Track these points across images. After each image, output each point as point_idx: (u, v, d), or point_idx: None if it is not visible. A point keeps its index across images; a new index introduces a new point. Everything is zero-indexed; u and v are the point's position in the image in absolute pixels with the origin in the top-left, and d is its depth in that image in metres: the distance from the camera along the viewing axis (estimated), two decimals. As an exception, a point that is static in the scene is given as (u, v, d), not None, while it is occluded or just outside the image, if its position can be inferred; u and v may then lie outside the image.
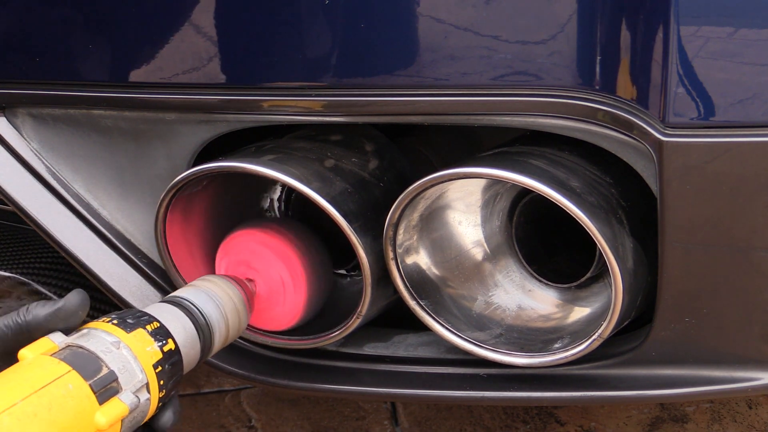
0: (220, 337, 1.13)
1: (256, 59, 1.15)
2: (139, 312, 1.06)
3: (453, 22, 1.09)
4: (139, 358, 1.01)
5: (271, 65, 1.15)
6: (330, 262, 1.28)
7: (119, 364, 0.99)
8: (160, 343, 1.04)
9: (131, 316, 1.05)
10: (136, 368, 1.01)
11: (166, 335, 1.05)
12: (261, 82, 1.16)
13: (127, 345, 1.01)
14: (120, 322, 1.03)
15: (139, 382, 1.00)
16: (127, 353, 1.00)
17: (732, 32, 1.01)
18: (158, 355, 1.03)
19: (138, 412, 1.00)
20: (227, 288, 1.16)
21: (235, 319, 1.15)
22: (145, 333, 1.03)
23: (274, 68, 1.15)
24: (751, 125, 1.03)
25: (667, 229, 1.08)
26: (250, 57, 1.15)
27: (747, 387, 1.19)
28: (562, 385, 1.23)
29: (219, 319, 1.13)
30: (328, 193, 1.17)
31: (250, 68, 1.16)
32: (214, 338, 1.12)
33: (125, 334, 1.02)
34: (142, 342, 1.02)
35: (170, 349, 1.05)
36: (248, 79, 1.16)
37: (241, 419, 1.81)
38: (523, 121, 1.13)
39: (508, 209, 1.29)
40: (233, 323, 1.15)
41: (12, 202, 1.30)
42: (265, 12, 1.13)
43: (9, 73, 1.25)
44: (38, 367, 0.96)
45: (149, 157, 1.28)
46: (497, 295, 1.28)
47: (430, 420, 1.78)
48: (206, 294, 1.13)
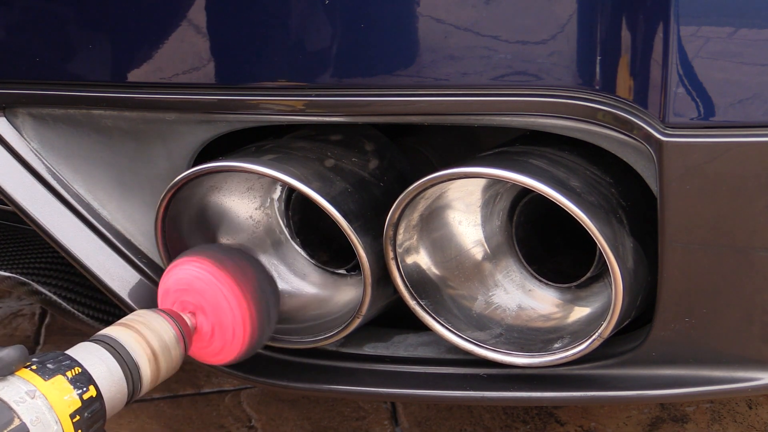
0: (150, 377, 1.10)
1: (256, 59, 1.15)
2: (61, 356, 1.03)
3: (453, 22, 1.09)
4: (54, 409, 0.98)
5: (271, 65, 1.15)
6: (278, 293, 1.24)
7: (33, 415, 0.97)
8: (79, 390, 1.01)
9: (53, 360, 1.02)
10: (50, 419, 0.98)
11: (88, 381, 1.02)
12: (261, 82, 1.16)
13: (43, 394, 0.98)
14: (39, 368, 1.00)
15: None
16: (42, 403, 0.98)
17: (732, 32, 1.01)
18: (77, 404, 1.00)
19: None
20: (159, 325, 1.13)
21: (167, 357, 1.12)
22: (64, 380, 1.00)
23: (274, 68, 1.15)
24: (751, 125, 1.03)
25: (667, 229, 1.08)
26: (249, 57, 1.15)
27: (747, 387, 1.19)
28: (562, 385, 1.23)
29: (149, 358, 1.10)
30: (328, 193, 1.17)
31: (250, 68, 1.16)
32: (142, 378, 1.09)
33: (42, 382, 0.99)
34: (59, 390, 0.99)
35: (90, 397, 1.02)
36: (248, 79, 1.16)
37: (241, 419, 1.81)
38: (523, 121, 1.13)
39: (508, 209, 1.29)
40: (165, 361, 1.12)
41: (12, 202, 1.30)
42: (265, 12, 1.13)
43: (9, 73, 1.25)
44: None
45: (149, 157, 1.28)
46: (497, 294, 1.28)
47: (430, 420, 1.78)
48: (136, 333, 1.11)
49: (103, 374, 1.05)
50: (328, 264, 1.37)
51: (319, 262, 1.37)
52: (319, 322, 1.30)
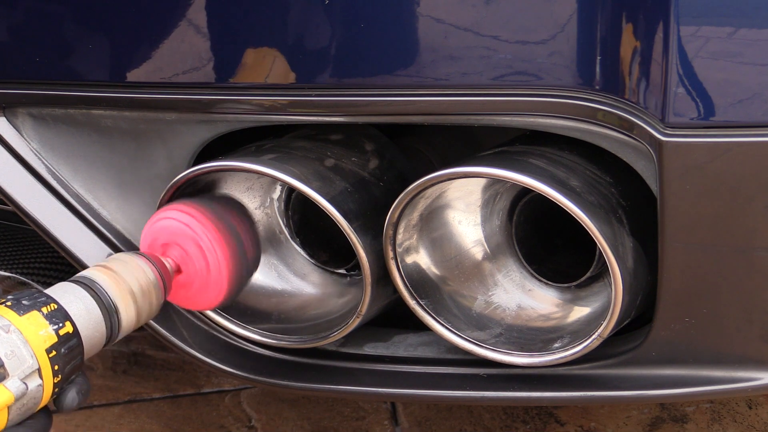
0: (128, 319, 1.09)
1: (256, 59, 1.15)
2: (37, 293, 1.02)
3: (453, 22, 1.09)
4: (30, 343, 0.97)
5: (271, 65, 1.15)
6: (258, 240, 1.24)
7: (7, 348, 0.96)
8: (55, 326, 1.00)
9: (28, 297, 1.01)
10: (26, 353, 0.97)
11: (64, 318, 1.01)
12: (261, 81, 1.16)
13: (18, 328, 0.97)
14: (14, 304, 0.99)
15: (28, 367, 0.96)
16: (17, 337, 0.97)
17: (732, 32, 1.01)
18: (53, 339, 0.99)
19: (28, 399, 0.97)
20: (138, 267, 1.12)
21: (146, 300, 1.11)
22: (39, 315, 0.99)
23: (274, 68, 1.14)
24: (751, 125, 1.03)
25: (667, 229, 1.08)
26: (250, 56, 1.15)
27: (747, 387, 1.19)
28: (562, 385, 1.23)
29: (127, 299, 1.09)
30: (328, 193, 1.17)
31: (251, 68, 1.16)
32: (121, 320, 1.08)
33: (17, 317, 0.98)
34: (35, 325, 0.98)
35: (67, 333, 1.00)
36: (248, 78, 1.16)
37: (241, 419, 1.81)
38: (523, 121, 1.13)
39: (508, 209, 1.29)
40: (144, 304, 1.11)
41: (12, 202, 1.30)
42: (265, 12, 1.13)
43: (9, 73, 1.25)
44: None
45: (149, 157, 1.28)
46: (497, 294, 1.28)
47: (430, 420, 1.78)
48: (115, 274, 1.09)
49: (80, 312, 1.04)
50: (328, 264, 1.37)
51: (319, 261, 1.37)
52: (318, 322, 1.30)
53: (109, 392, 1.87)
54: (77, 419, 1.79)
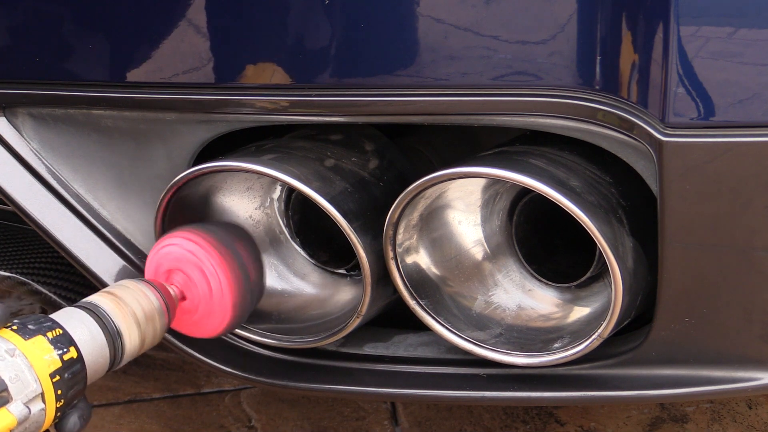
0: (132, 345, 1.10)
1: (256, 59, 1.15)
2: (42, 318, 1.03)
3: (453, 22, 1.09)
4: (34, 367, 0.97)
5: (271, 65, 1.15)
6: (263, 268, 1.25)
7: (11, 372, 0.96)
8: (60, 351, 1.00)
9: (33, 322, 1.01)
10: (29, 378, 0.97)
11: (69, 343, 1.02)
12: (261, 81, 1.16)
13: (23, 353, 0.97)
14: (20, 328, 1.00)
15: (32, 392, 0.97)
16: (22, 361, 0.97)
17: (732, 32, 1.01)
18: (57, 364, 0.99)
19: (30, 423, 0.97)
20: (143, 294, 1.13)
21: (150, 326, 1.12)
22: (44, 340, 1.00)
23: (274, 68, 1.14)
24: (751, 125, 1.03)
25: (667, 229, 1.08)
26: (249, 57, 1.15)
27: (747, 387, 1.19)
28: (562, 385, 1.23)
29: (131, 326, 1.10)
30: (328, 193, 1.17)
31: (251, 68, 1.16)
32: (125, 345, 1.09)
33: (22, 341, 0.98)
34: (40, 350, 0.99)
35: (71, 358, 1.01)
36: (248, 78, 1.16)
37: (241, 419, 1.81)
38: (523, 121, 1.13)
39: (508, 209, 1.29)
40: (148, 330, 1.12)
41: (12, 202, 1.30)
42: (265, 12, 1.13)
43: (9, 73, 1.25)
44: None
45: (149, 157, 1.28)
46: (497, 294, 1.28)
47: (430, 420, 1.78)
48: (120, 301, 1.10)
49: (84, 338, 1.04)
50: (328, 264, 1.37)
51: (319, 261, 1.37)
52: (319, 322, 1.30)
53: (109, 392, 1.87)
54: (77, 419, 1.79)
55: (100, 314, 1.08)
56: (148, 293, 1.14)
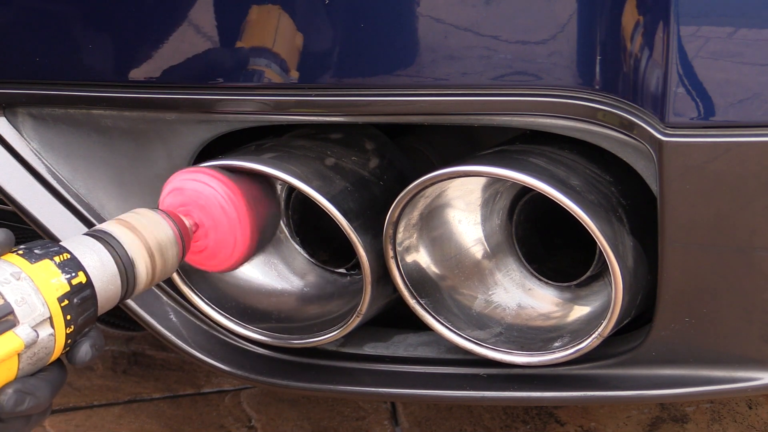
0: (145, 275, 1.06)
1: (256, 59, 1.15)
2: (50, 243, 0.99)
3: (453, 22, 1.09)
4: (41, 291, 0.94)
5: (271, 65, 1.15)
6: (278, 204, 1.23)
7: (17, 295, 0.93)
8: (68, 275, 0.96)
9: (40, 246, 0.98)
10: (36, 301, 0.94)
11: (77, 267, 0.98)
12: (261, 81, 1.16)
13: (29, 276, 0.94)
14: (26, 252, 0.96)
15: (39, 315, 0.94)
16: (28, 285, 0.94)
17: (732, 32, 1.01)
18: (65, 288, 0.96)
19: (39, 348, 0.94)
20: (157, 223, 1.09)
21: (164, 257, 1.08)
22: (51, 264, 0.96)
23: (274, 68, 1.15)
24: (751, 125, 1.03)
25: (667, 228, 1.08)
26: (250, 57, 1.15)
27: (747, 387, 1.19)
28: (562, 385, 1.23)
29: (144, 255, 1.06)
30: (328, 192, 1.17)
31: (251, 68, 1.16)
32: (137, 275, 1.05)
33: (28, 264, 0.95)
34: (47, 273, 0.95)
35: (80, 283, 0.97)
36: (248, 78, 1.16)
37: (241, 419, 1.81)
38: (523, 120, 1.13)
39: (508, 208, 1.29)
40: (161, 261, 1.08)
41: (12, 202, 1.30)
42: (265, 11, 1.13)
43: (9, 73, 1.25)
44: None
45: (149, 157, 1.28)
46: (497, 293, 1.28)
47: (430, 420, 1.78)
48: (132, 229, 1.06)
49: (94, 264, 1.00)
50: (328, 263, 1.37)
51: (319, 261, 1.37)
52: (318, 322, 1.30)
53: (109, 392, 1.87)
54: (77, 419, 1.79)
55: (110, 242, 1.03)
56: (163, 222, 1.09)
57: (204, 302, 1.30)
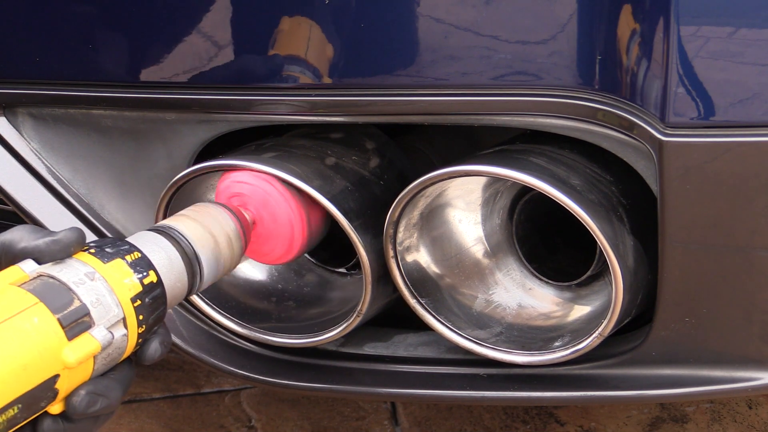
0: (210, 270, 1.06)
1: (256, 59, 1.15)
2: (120, 241, 0.98)
3: (453, 22, 1.09)
4: (115, 291, 0.94)
5: (271, 65, 1.15)
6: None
7: (93, 296, 0.92)
8: (140, 275, 0.96)
9: (110, 245, 0.97)
10: (111, 302, 0.93)
11: (148, 266, 0.97)
12: (261, 81, 1.16)
13: (103, 276, 0.94)
14: (98, 251, 0.96)
15: (114, 317, 0.93)
16: (102, 285, 0.93)
17: (732, 32, 1.01)
18: (137, 288, 0.95)
19: (113, 349, 0.94)
20: (220, 218, 1.09)
21: (228, 252, 1.08)
22: (123, 264, 0.96)
23: (274, 68, 1.15)
24: (751, 125, 1.03)
25: (668, 228, 1.08)
26: (250, 57, 1.15)
27: (747, 387, 1.19)
28: (562, 385, 1.23)
29: (210, 250, 1.06)
30: (328, 191, 1.17)
31: (251, 68, 1.16)
32: (203, 271, 1.05)
33: (101, 264, 0.95)
34: (120, 273, 0.95)
35: (151, 282, 0.97)
36: (248, 78, 1.16)
37: (241, 419, 1.81)
38: (523, 120, 1.13)
39: (508, 207, 1.29)
40: (226, 256, 1.08)
41: (12, 202, 1.30)
42: (265, 12, 1.13)
43: (9, 73, 1.25)
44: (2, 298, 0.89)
45: (149, 156, 1.28)
46: (497, 293, 1.28)
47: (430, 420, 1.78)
48: (196, 224, 1.06)
49: (163, 262, 1.00)
50: (328, 262, 1.37)
51: (319, 260, 1.37)
52: (318, 322, 1.30)
53: (109, 392, 1.87)
54: (77, 419, 1.79)
55: (177, 237, 1.03)
56: (226, 216, 1.09)
57: (204, 302, 1.30)
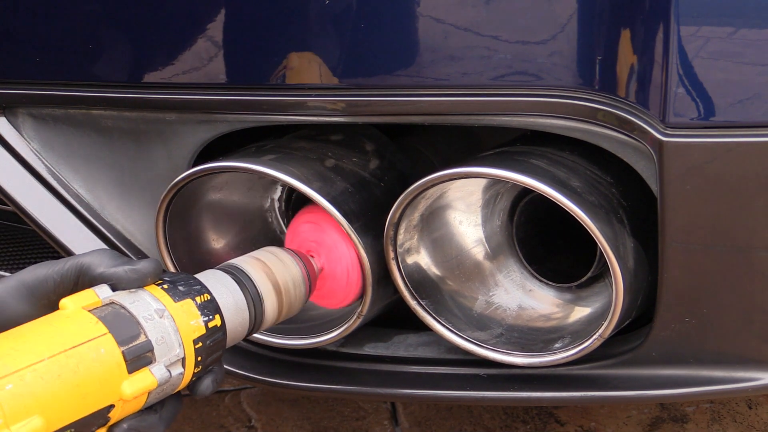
0: (271, 313, 1.08)
1: (256, 59, 1.15)
2: (192, 280, 1.01)
3: (453, 22, 1.09)
4: (180, 331, 0.96)
5: (271, 65, 1.15)
6: None
7: (158, 334, 0.95)
8: (206, 318, 0.99)
9: (183, 283, 1.00)
10: (174, 341, 0.96)
11: (215, 310, 1.00)
12: (261, 82, 1.16)
13: (172, 315, 0.96)
14: (170, 288, 0.98)
15: (175, 356, 0.96)
16: (169, 324, 0.96)
17: (732, 32, 1.01)
18: (201, 331, 0.98)
19: (168, 385, 0.96)
20: (288, 263, 1.12)
21: (291, 295, 1.11)
22: (192, 305, 0.98)
23: (274, 68, 1.14)
24: (751, 125, 1.03)
25: (668, 229, 1.08)
26: (250, 57, 1.15)
27: (747, 387, 1.19)
28: (562, 385, 1.23)
29: (273, 294, 1.09)
30: (328, 193, 1.17)
31: (251, 68, 1.16)
32: (265, 313, 1.07)
33: (172, 302, 0.97)
34: (187, 314, 0.97)
35: (215, 326, 0.99)
36: (248, 79, 1.16)
37: (241, 419, 1.81)
38: (524, 121, 1.13)
39: (508, 209, 1.29)
40: (288, 300, 1.11)
41: (12, 202, 1.30)
42: (265, 12, 1.13)
43: (9, 73, 1.25)
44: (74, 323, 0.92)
45: (149, 157, 1.28)
46: (498, 294, 1.28)
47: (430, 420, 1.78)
48: (264, 267, 1.09)
49: (229, 305, 1.03)
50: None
51: (319, 262, 1.37)
52: (319, 323, 1.30)
53: (109, 392, 1.86)
54: (77, 419, 1.79)
55: (244, 280, 1.06)
56: (293, 263, 1.12)
57: (204, 303, 1.30)
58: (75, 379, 0.89)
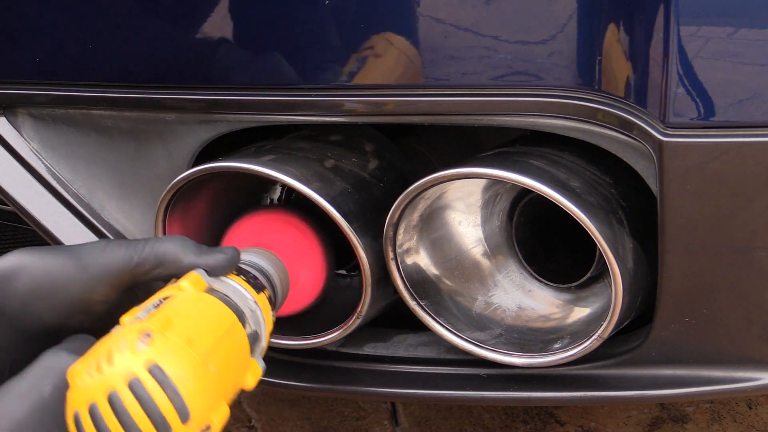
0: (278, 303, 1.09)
1: (255, 59, 1.15)
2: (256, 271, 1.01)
3: (453, 22, 1.09)
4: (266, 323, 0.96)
5: (271, 66, 1.15)
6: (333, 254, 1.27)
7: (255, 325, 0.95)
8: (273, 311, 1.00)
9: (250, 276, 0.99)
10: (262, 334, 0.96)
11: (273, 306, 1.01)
12: (261, 82, 1.16)
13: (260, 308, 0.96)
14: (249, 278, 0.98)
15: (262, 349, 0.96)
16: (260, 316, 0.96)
17: (732, 32, 1.01)
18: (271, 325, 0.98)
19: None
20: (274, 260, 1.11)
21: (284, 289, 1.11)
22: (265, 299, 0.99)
23: (274, 69, 1.15)
24: (751, 125, 1.03)
25: (668, 229, 1.08)
26: (249, 57, 1.15)
27: (747, 387, 1.19)
28: (562, 385, 1.24)
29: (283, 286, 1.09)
30: (328, 193, 1.17)
31: (250, 68, 1.16)
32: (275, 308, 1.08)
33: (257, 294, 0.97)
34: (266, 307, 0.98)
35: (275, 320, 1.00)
36: (248, 79, 1.16)
37: (241, 419, 1.81)
38: (523, 121, 1.13)
39: (508, 209, 1.29)
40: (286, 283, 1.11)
41: (12, 202, 1.30)
42: (265, 12, 1.13)
43: (9, 73, 1.25)
44: (209, 308, 0.90)
45: (149, 157, 1.28)
46: (497, 295, 1.28)
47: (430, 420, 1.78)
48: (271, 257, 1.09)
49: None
50: (328, 264, 1.37)
51: (319, 262, 1.37)
52: (319, 323, 1.30)
53: (109, 392, 1.86)
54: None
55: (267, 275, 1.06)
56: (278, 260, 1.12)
57: (204, 303, 1.30)
58: (226, 366, 0.88)
